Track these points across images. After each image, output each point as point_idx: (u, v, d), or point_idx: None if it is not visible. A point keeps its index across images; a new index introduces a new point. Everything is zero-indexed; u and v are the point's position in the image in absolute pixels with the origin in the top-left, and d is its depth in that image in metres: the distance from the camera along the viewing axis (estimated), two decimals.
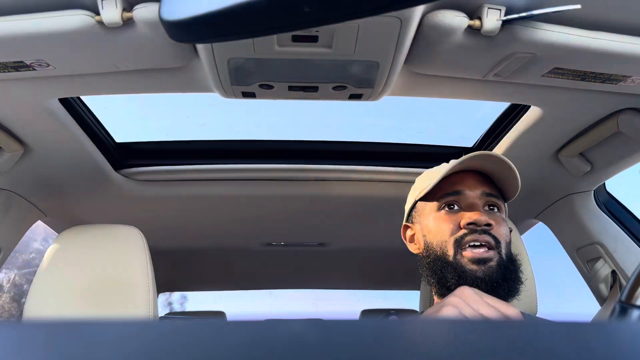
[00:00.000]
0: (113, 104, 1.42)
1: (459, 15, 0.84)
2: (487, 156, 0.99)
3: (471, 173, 1.03)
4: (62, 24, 0.82)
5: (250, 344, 0.19)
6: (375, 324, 0.21)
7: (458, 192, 1.01)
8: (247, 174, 1.57)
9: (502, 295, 0.93)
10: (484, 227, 0.95)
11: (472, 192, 1.00)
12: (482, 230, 0.95)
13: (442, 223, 0.99)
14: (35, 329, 0.20)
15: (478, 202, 1.00)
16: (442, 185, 1.01)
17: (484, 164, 1.01)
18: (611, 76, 0.98)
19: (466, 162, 0.99)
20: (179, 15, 0.33)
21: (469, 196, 1.00)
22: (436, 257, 0.98)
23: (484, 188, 1.01)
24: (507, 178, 1.01)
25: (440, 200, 1.02)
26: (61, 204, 1.61)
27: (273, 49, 0.89)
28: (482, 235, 0.94)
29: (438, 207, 1.02)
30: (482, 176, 1.04)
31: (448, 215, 1.00)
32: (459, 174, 1.03)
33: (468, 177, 1.03)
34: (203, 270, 2.53)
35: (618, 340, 0.19)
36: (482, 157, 0.99)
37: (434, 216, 1.02)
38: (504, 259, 0.95)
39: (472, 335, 0.20)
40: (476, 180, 1.02)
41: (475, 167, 1.03)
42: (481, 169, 1.03)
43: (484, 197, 1.01)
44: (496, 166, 1.00)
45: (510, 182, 1.01)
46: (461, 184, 1.01)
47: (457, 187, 1.01)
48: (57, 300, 1.08)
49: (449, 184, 1.02)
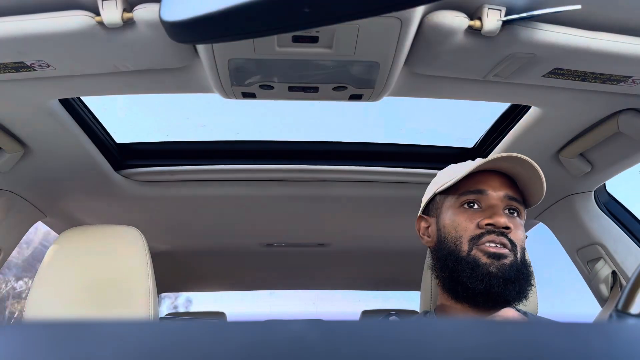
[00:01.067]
0: (113, 104, 1.42)
1: (459, 16, 0.84)
2: (517, 159, 0.97)
3: (496, 174, 1.02)
4: (63, 25, 0.82)
5: (251, 345, 0.19)
6: (375, 325, 0.20)
7: (481, 192, 1.00)
8: (248, 174, 1.57)
9: (512, 294, 0.93)
10: (502, 229, 0.95)
11: (495, 193, 0.99)
12: (499, 232, 0.95)
13: (461, 220, 0.99)
14: (35, 329, 0.20)
15: (499, 204, 0.99)
16: (465, 182, 1.01)
17: (513, 167, 1.00)
18: (611, 77, 0.98)
19: (494, 162, 0.99)
20: (180, 16, 0.33)
21: (492, 197, 0.99)
22: (449, 252, 0.98)
23: (507, 191, 1.00)
24: (533, 184, 1.00)
25: (461, 197, 1.01)
26: (61, 204, 1.61)
27: (273, 49, 0.89)
28: (500, 237, 0.94)
29: (458, 203, 1.01)
30: (507, 179, 1.02)
31: (467, 213, 0.99)
32: (484, 174, 1.02)
33: (493, 178, 1.01)
34: (203, 270, 2.53)
35: (618, 340, 0.19)
36: (511, 160, 0.98)
37: (452, 212, 1.01)
38: (518, 261, 0.95)
39: (473, 335, 0.20)
40: (501, 182, 1.01)
41: (502, 169, 1.01)
42: (507, 171, 1.02)
43: (506, 200, 1.00)
44: (524, 171, 0.99)
45: (536, 188, 1.00)
46: (485, 184, 1.00)
47: (481, 186, 1.00)
48: (57, 300, 1.08)
49: (473, 181, 1.01)
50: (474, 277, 0.92)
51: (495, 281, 0.91)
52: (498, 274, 0.92)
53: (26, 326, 0.21)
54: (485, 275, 0.92)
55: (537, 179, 0.98)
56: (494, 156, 0.98)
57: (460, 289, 0.96)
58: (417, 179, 1.57)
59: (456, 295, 0.99)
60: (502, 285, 0.91)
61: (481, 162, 0.98)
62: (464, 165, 1.06)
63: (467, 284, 0.94)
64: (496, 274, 0.92)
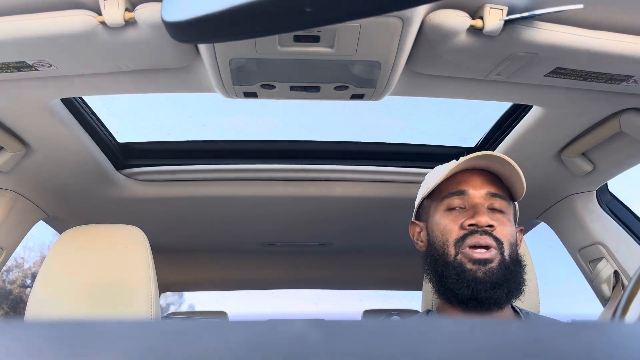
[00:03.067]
0: (115, 104, 1.42)
1: (461, 15, 0.84)
2: (489, 156, 0.98)
3: (478, 172, 1.03)
4: (65, 25, 0.82)
5: (252, 344, 0.19)
6: (377, 325, 0.20)
7: (462, 192, 1.00)
8: (249, 174, 1.57)
9: (501, 297, 0.93)
10: (485, 228, 0.95)
11: (477, 192, 1.00)
12: (483, 231, 0.94)
13: (445, 223, 0.99)
14: (37, 328, 0.20)
15: (482, 202, 0.99)
16: (447, 184, 1.01)
17: (489, 164, 1.01)
18: (613, 76, 0.98)
19: (470, 161, 0.99)
20: (181, 16, 0.33)
21: (473, 196, 0.99)
22: (438, 256, 0.98)
23: (489, 188, 1.01)
24: (512, 178, 1.00)
25: (444, 200, 1.01)
26: (63, 203, 1.61)
27: (275, 49, 0.89)
28: (483, 236, 0.94)
29: (443, 206, 1.01)
30: (491, 176, 1.03)
31: (452, 215, 0.99)
32: (466, 173, 1.02)
33: (474, 177, 1.02)
34: (205, 270, 2.53)
35: (619, 340, 0.19)
36: (485, 157, 0.99)
37: (439, 215, 1.02)
38: (506, 259, 0.95)
39: (473, 335, 0.20)
40: (482, 180, 1.01)
41: (481, 166, 1.02)
42: (487, 168, 1.02)
43: (489, 197, 1.00)
44: (500, 166, 1.00)
45: (515, 182, 1.01)
46: (466, 184, 1.01)
47: (462, 187, 1.01)
48: (59, 300, 1.09)
49: (455, 183, 1.01)
50: (460, 282, 0.92)
51: (482, 286, 0.91)
52: (485, 279, 0.91)
53: (28, 326, 0.21)
54: (471, 280, 0.92)
55: (514, 174, 0.99)
56: (469, 156, 0.98)
57: (449, 294, 0.97)
58: (419, 179, 1.56)
59: (448, 299, 0.99)
60: (490, 290, 0.91)
61: (458, 163, 0.99)
62: (445, 167, 1.06)
63: (454, 290, 0.94)
64: (482, 279, 0.91)
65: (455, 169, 0.99)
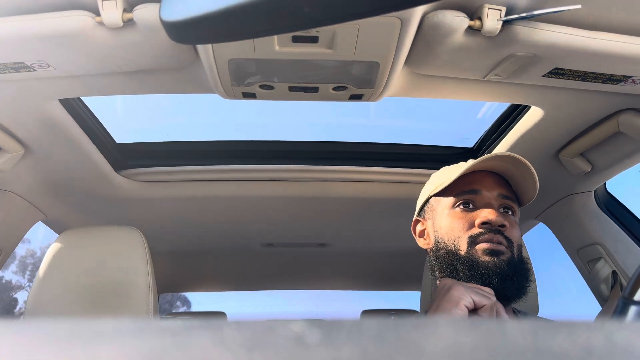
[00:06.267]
0: (113, 104, 1.42)
1: (459, 16, 0.84)
2: (508, 158, 0.98)
3: (489, 174, 1.03)
4: (63, 25, 0.82)
5: (251, 345, 0.19)
6: (376, 324, 0.20)
7: (475, 192, 1.01)
8: (248, 174, 1.57)
9: (511, 290, 0.93)
10: (498, 227, 0.95)
11: (489, 192, 1.00)
12: (496, 230, 0.95)
13: (457, 220, 1.00)
14: (35, 329, 0.20)
15: (494, 202, 1.00)
16: (459, 183, 1.01)
17: (504, 166, 1.01)
18: (612, 76, 0.98)
19: (486, 162, 0.99)
20: (180, 16, 0.33)
21: (486, 196, 1.00)
22: (447, 252, 0.99)
23: (500, 190, 1.01)
24: (525, 182, 1.01)
25: (456, 198, 1.02)
26: (61, 204, 1.61)
27: (273, 49, 0.89)
28: (496, 235, 0.95)
29: (453, 204, 1.02)
30: (500, 178, 1.03)
31: (463, 213, 1.00)
32: (477, 174, 1.03)
33: (486, 178, 1.02)
34: (204, 271, 2.53)
35: (619, 340, 0.19)
36: (502, 159, 0.99)
37: (448, 213, 1.02)
38: (515, 258, 0.96)
39: (473, 335, 0.20)
40: (494, 181, 1.02)
41: (494, 169, 1.02)
42: (500, 170, 1.02)
43: (500, 198, 1.01)
44: (517, 169, 1.00)
45: (528, 186, 1.01)
46: (479, 184, 1.01)
47: (475, 186, 1.01)
48: (57, 301, 1.08)
49: (466, 182, 1.02)
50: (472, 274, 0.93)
51: (494, 277, 0.92)
52: (496, 270, 0.93)
53: (26, 326, 0.21)
54: (484, 272, 0.93)
55: (529, 177, 0.99)
56: (487, 156, 0.98)
57: None
58: (417, 179, 1.57)
59: None
60: (501, 282, 0.92)
61: (475, 162, 0.99)
62: (457, 167, 1.07)
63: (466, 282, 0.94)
64: (494, 270, 0.93)
65: (472, 168, 1.00)
